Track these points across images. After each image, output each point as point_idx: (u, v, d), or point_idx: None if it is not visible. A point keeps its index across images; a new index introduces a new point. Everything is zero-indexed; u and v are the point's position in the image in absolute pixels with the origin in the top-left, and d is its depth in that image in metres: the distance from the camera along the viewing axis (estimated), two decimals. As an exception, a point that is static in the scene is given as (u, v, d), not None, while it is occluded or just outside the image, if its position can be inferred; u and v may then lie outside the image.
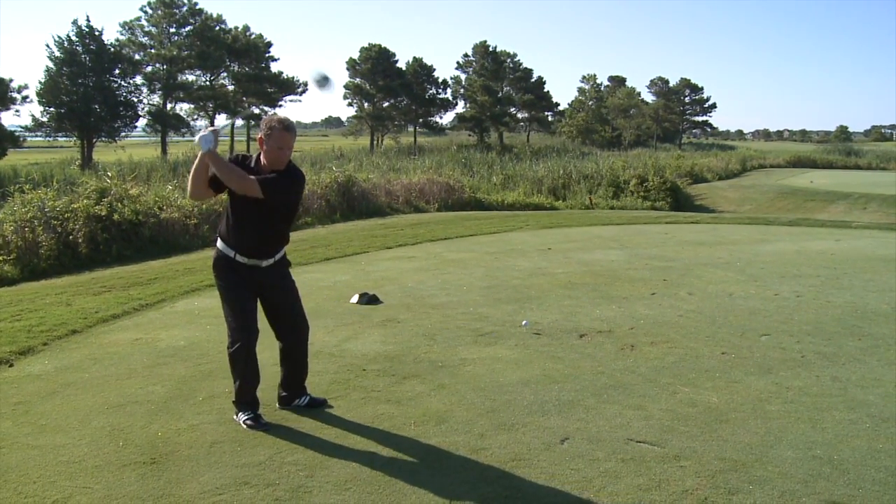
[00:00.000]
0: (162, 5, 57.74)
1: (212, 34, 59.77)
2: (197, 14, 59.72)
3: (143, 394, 5.51)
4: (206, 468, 4.29)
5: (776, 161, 58.56)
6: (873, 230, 17.25)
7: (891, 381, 5.96)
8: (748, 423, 5.02)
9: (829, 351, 6.77)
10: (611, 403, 5.37)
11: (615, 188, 31.06)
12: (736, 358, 6.52)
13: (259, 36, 64.85)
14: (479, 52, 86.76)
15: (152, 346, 6.79)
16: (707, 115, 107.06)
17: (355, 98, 79.19)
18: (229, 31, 62.48)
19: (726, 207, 31.46)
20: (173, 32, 59.02)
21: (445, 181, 25.41)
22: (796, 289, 9.49)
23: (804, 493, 4.04)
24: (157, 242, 14.49)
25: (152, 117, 57.25)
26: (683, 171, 39.77)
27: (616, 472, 4.26)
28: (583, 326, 7.54)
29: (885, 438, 4.81)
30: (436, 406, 5.31)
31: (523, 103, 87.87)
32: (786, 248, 13.47)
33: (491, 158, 41.49)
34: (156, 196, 16.25)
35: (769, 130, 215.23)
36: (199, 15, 59.84)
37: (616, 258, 11.90)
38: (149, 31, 58.19)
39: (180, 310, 8.35)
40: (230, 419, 5.00)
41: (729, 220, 20.36)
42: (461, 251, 12.63)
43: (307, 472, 4.25)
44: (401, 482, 4.13)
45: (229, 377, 5.17)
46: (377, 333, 7.22)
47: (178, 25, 59.07)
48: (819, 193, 32.58)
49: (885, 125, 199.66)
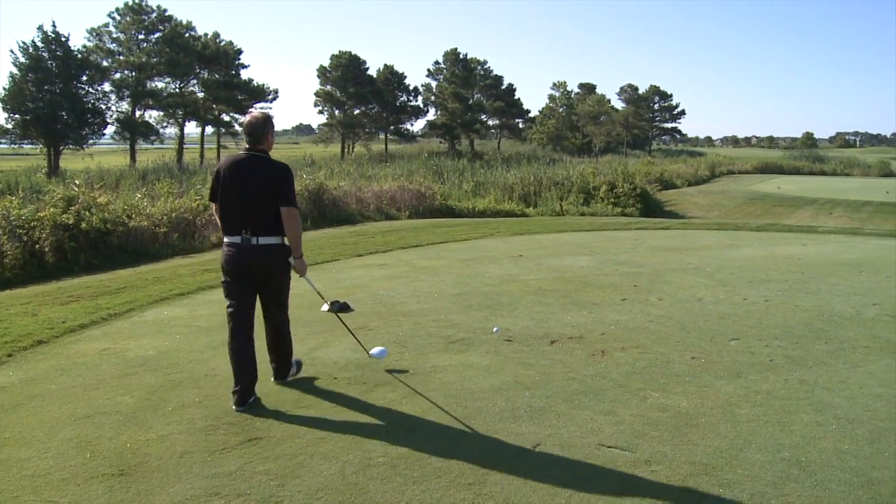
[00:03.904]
0: (130, 12, 57.05)
1: (181, 41, 59.16)
2: (166, 21, 59.11)
3: (112, 404, 5.44)
4: (175, 479, 4.24)
5: (744, 167, 59.39)
6: (839, 235, 17.50)
7: (856, 384, 6.04)
8: (718, 427, 5.06)
9: (797, 354, 6.85)
10: (582, 409, 5.38)
11: (585, 195, 31.20)
12: (706, 362, 6.57)
13: (229, 43, 64.44)
14: (449, 59, 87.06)
15: (121, 356, 6.70)
16: (676, 121, 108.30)
17: (326, 105, 79.05)
18: (199, 38, 61.92)
19: (696, 213, 31.73)
20: (142, 39, 58.30)
21: (416, 188, 25.44)
22: (765, 293, 9.59)
23: (773, 496, 4.08)
24: (125, 251, 14.34)
25: (121, 124, 56.54)
26: (653, 178, 40.14)
27: (587, 478, 4.27)
28: (553, 333, 7.56)
29: (850, 440, 4.88)
30: (407, 413, 5.29)
31: (494, 110, 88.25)
32: (754, 253, 13.61)
33: (462, 165, 41.57)
34: (125, 204, 16.10)
35: (737, 137, 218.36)
36: (168, 21, 59.22)
37: (586, 264, 11.95)
38: (117, 37, 57.41)
39: (149, 319, 8.25)
40: (200, 429, 4.95)
41: (698, 225, 20.55)
42: (432, 258, 12.63)
43: (278, 481, 4.22)
44: (372, 490, 4.11)
45: (199, 387, 5.14)
46: (348, 341, 7.18)
47: (146, 32, 58.36)
48: (786, 199, 33.03)
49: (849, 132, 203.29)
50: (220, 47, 63.31)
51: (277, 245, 5.51)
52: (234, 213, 5.46)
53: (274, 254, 5.50)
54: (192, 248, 15.37)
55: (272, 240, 5.47)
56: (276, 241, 5.50)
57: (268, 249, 5.46)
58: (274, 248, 5.49)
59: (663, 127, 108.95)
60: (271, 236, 5.46)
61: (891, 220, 26.26)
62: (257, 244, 5.42)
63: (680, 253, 13.44)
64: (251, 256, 5.43)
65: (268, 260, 5.48)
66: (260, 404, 5.48)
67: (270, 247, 5.48)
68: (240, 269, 5.48)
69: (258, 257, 5.45)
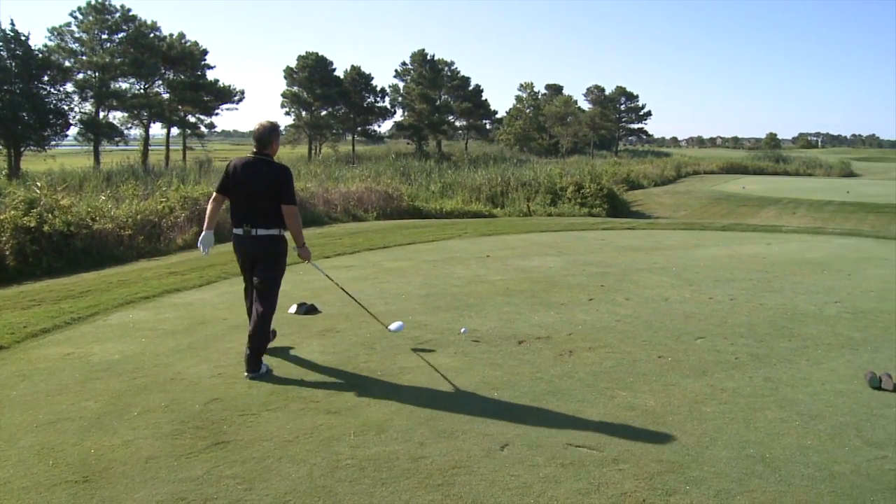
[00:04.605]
0: (93, 11, 56.09)
1: (146, 41, 58.41)
2: (130, 20, 58.26)
3: (75, 410, 5.36)
4: (141, 485, 4.19)
5: (710, 167, 60.00)
6: (802, 234, 17.74)
7: (818, 380, 6.13)
8: (684, 425, 5.10)
9: (762, 352, 6.93)
10: (550, 409, 5.41)
11: (553, 195, 31.33)
12: (672, 361, 6.63)
13: (195, 43, 63.79)
14: (417, 60, 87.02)
15: (85, 361, 6.60)
16: (642, 122, 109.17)
17: (293, 106, 78.69)
18: (164, 39, 61.19)
19: (662, 213, 32.00)
20: (105, 39, 57.38)
21: (384, 189, 25.40)
22: (730, 292, 9.70)
23: (738, 492, 4.13)
24: (89, 254, 14.15)
25: (84, 126, 55.63)
26: (620, 178, 40.45)
27: (555, 477, 4.29)
28: (521, 333, 7.58)
29: (813, 435, 4.95)
30: (375, 415, 5.28)
31: (461, 111, 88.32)
32: (719, 252, 13.76)
33: (429, 166, 41.51)
34: (88, 206, 15.90)
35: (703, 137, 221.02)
36: (132, 21, 58.38)
37: (554, 265, 12.00)
38: (79, 37, 56.36)
39: (114, 323, 8.14)
40: (166, 433, 4.89)
41: (664, 225, 20.72)
42: (400, 260, 12.61)
43: (246, 485, 4.18)
44: (341, 493, 4.09)
45: (165, 391, 5.12)
46: (316, 343, 7.16)
47: (110, 32, 57.45)
48: (751, 199, 33.43)
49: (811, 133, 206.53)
50: (186, 48, 62.65)
51: (275, 236, 6.25)
52: (240, 207, 6.25)
53: (270, 242, 6.24)
54: (157, 250, 15.22)
55: (271, 231, 6.21)
56: (274, 232, 6.23)
57: (265, 239, 6.21)
58: (271, 237, 6.23)
59: (630, 128, 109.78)
60: (271, 228, 6.20)
61: (851, 219, 26.69)
62: (256, 235, 6.19)
63: (646, 253, 13.54)
64: (250, 245, 6.24)
65: (263, 247, 6.23)
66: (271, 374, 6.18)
67: (268, 237, 6.21)
68: (242, 255, 6.38)
69: (255, 246, 6.23)
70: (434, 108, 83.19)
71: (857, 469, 4.47)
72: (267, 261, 6.29)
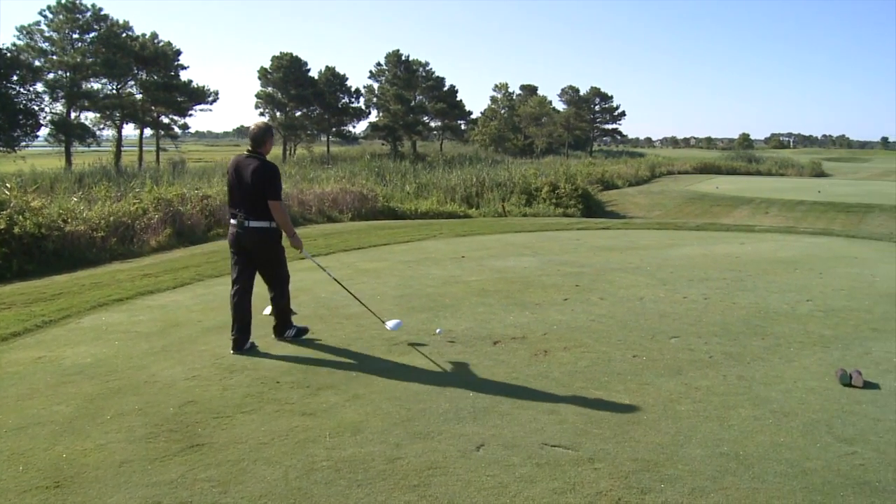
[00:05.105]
0: (63, 10, 55.48)
1: (118, 41, 57.87)
2: (102, 20, 57.73)
3: (46, 414, 5.29)
4: (114, 489, 4.14)
5: (684, 167, 60.40)
6: (774, 233, 17.89)
7: (791, 378, 6.20)
8: (659, 424, 5.14)
9: (735, 351, 6.99)
10: (525, 409, 5.42)
11: (527, 195, 31.41)
12: (647, 360, 6.67)
13: (168, 43, 63.32)
14: (391, 60, 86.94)
15: (56, 364, 6.52)
16: (617, 122, 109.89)
17: (267, 107, 78.35)
18: (136, 39, 60.65)
19: (636, 213, 32.20)
20: (76, 38, 56.82)
21: (359, 190, 25.32)
22: (704, 291, 9.77)
23: (712, 489, 4.16)
24: (61, 256, 13.96)
25: (55, 126, 55.05)
26: (594, 178, 40.66)
27: (531, 477, 4.30)
28: (496, 333, 7.59)
29: (786, 433, 5.00)
30: (351, 416, 5.26)
31: (436, 112, 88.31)
32: (693, 252, 13.85)
33: (404, 167, 41.48)
34: (60, 208, 15.69)
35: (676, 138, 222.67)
36: (103, 21, 57.85)
37: (529, 265, 12.03)
38: (49, 36, 55.73)
39: (87, 325, 8.05)
40: (140, 437, 4.85)
41: (639, 225, 20.82)
42: (375, 261, 12.57)
43: (221, 488, 4.16)
44: (316, 495, 4.08)
45: (139, 394, 5.10)
46: (291, 345, 7.13)
47: (81, 31, 56.89)
48: (724, 199, 33.70)
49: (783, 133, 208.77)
50: (159, 48, 62.17)
51: (265, 228, 6.77)
52: (234, 200, 6.86)
53: (261, 234, 6.79)
54: (131, 252, 15.07)
55: (261, 223, 6.75)
56: (264, 224, 6.77)
57: (256, 231, 6.77)
58: (262, 229, 6.77)
59: (604, 128, 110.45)
60: (261, 221, 6.75)
61: (823, 218, 27.00)
62: (248, 226, 6.76)
63: (621, 252, 13.60)
64: (243, 236, 6.82)
65: (255, 238, 6.80)
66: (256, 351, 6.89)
67: (259, 229, 6.77)
68: (236, 245, 6.91)
69: (248, 237, 6.81)
70: (409, 109, 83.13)
71: (829, 465, 4.52)
72: (262, 256, 6.95)
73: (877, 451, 4.75)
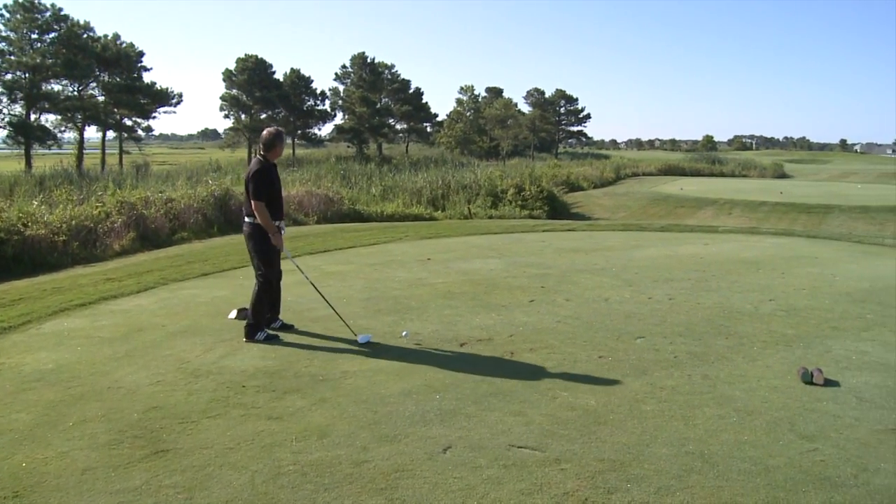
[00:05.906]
0: (21, 9, 54.31)
1: (79, 42, 56.98)
2: (62, 20, 56.72)
3: (5, 422, 5.20)
4: (76, 497, 4.08)
5: (648, 169, 60.88)
6: (738, 234, 18.12)
7: (754, 377, 6.28)
8: (625, 424, 5.17)
9: (700, 350, 7.06)
10: (492, 410, 5.43)
11: (493, 198, 31.44)
12: (612, 361, 6.71)
13: (130, 45, 62.59)
14: (357, 63, 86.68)
15: (16, 371, 6.41)
16: (582, 125, 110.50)
17: (232, 110, 77.73)
18: (98, 39, 59.83)
19: (601, 214, 32.38)
20: (35, 39, 55.80)
21: (324, 193, 25.21)
22: (668, 292, 9.86)
23: (678, 488, 4.20)
24: (21, 261, 13.75)
25: (14, 128, 54.02)
26: (560, 180, 40.79)
27: (498, 479, 4.30)
28: (463, 335, 7.60)
29: (749, 431, 5.07)
30: (317, 420, 5.24)
31: (402, 114, 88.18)
32: (658, 253, 13.97)
33: (370, 170, 41.34)
34: (20, 212, 15.46)
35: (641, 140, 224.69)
36: (64, 21, 56.85)
37: (495, 267, 12.06)
38: (7, 36, 54.59)
39: (48, 331, 7.93)
40: (103, 443, 4.79)
41: (604, 226, 20.96)
42: (340, 263, 12.53)
43: (186, 494, 4.11)
44: (283, 499, 4.05)
45: (102, 400, 5.03)
46: (256, 349, 7.08)
47: (40, 31, 55.86)
48: (688, 200, 34.02)
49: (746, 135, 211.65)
50: (121, 49, 61.42)
51: (251, 223, 7.51)
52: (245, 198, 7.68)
53: (249, 228, 7.56)
54: (93, 256, 14.87)
55: (249, 219, 7.53)
56: (251, 220, 7.50)
57: (246, 225, 7.60)
58: (249, 224, 7.55)
59: (569, 130, 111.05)
60: (249, 217, 7.52)
61: (785, 219, 27.36)
62: (244, 221, 7.65)
63: (586, 254, 13.69)
64: (243, 228, 7.70)
65: (245, 232, 7.64)
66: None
67: (247, 224, 7.58)
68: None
69: (244, 231, 7.70)
70: (374, 112, 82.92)
71: (791, 462, 4.58)
72: (249, 248, 7.69)
73: (837, 448, 4.83)
